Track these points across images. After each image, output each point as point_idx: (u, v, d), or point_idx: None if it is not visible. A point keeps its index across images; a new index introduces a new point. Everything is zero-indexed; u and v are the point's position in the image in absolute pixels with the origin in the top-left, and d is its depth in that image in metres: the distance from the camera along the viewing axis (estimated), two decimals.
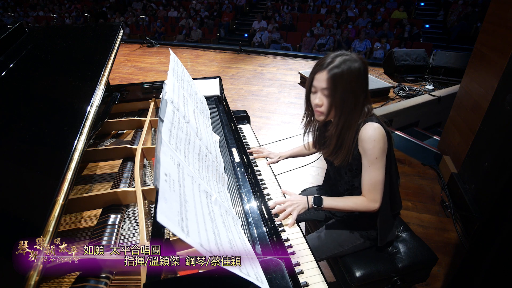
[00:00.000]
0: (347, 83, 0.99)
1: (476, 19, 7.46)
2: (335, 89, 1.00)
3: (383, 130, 1.02)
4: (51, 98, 1.06)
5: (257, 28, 8.27)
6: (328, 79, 0.99)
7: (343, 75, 0.98)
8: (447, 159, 2.54)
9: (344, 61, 0.99)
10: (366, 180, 1.06)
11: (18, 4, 11.91)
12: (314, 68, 1.05)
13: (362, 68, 1.00)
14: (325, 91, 1.02)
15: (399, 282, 1.18)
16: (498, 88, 1.90)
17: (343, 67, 0.98)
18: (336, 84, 0.99)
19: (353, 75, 0.99)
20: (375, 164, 1.03)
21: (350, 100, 1.01)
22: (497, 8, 2.10)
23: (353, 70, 0.99)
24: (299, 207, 1.11)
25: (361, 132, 1.03)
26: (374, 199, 1.06)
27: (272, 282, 0.67)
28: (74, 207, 1.00)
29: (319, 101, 1.05)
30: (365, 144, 1.02)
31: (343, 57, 1.00)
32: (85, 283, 0.75)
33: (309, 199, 1.12)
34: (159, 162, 0.61)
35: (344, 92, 1.00)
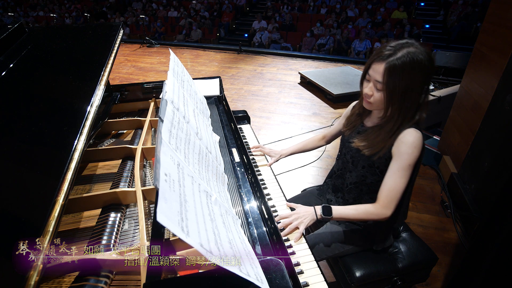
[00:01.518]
0: (405, 78, 0.90)
1: (476, 19, 7.46)
2: (391, 84, 0.92)
3: (423, 141, 0.97)
4: (51, 98, 1.06)
5: (257, 28, 8.28)
6: (385, 72, 0.91)
7: (404, 69, 0.89)
8: (447, 159, 2.54)
9: (407, 54, 0.89)
10: (388, 185, 1.00)
11: (18, 4, 11.91)
12: (373, 56, 0.97)
13: (426, 63, 0.90)
14: (378, 84, 0.95)
15: (399, 282, 1.18)
16: (498, 88, 1.90)
17: (404, 60, 0.89)
18: (394, 78, 0.91)
19: (415, 70, 0.89)
20: (404, 171, 0.97)
21: (405, 98, 0.94)
22: (497, 8, 2.10)
23: (416, 64, 0.89)
24: (306, 220, 1.04)
25: (403, 134, 0.97)
26: (389, 206, 1.00)
27: (272, 282, 0.67)
28: (74, 207, 1.00)
29: (369, 91, 0.99)
30: (404, 147, 0.96)
31: (408, 48, 0.90)
32: (84, 282, 0.75)
33: (317, 209, 1.05)
34: (159, 162, 0.61)
35: (402, 89, 0.92)
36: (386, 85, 0.93)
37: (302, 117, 3.73)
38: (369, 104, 1.03)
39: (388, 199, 1.00)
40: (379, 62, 0.93)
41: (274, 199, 1.19)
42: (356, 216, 1.04)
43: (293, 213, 1.07)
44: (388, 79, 0.92)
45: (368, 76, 1.00)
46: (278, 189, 1.25)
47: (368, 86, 1.00)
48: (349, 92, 4.04)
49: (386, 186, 1.01)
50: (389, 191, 1.00)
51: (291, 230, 1.02)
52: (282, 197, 1.21)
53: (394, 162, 0.99)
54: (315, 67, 5.71)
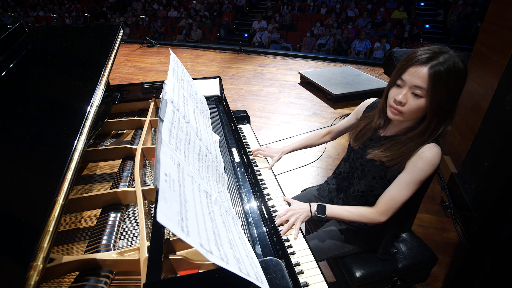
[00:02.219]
0: (450, 86, 0.84)
1: (476, 19, 7.46)
2: (434, 92, 0.85)
3: (441, 158, 0.93)
4: (51, 98, 1.06)
5: (257, 28, 8.28)
6: (429, 77, 0.84)
7: (449, 75, 0.83)
8: (447, 159, 2.54)
9: (449, 58, 0.84)
10: (391, 194, 0.97)
11: (18, 4, 11.91)
12: (408, 60, 0.89)
13: (465, 71, 0.86)
14: (418, 90, 0.87)
15: (399, 282, 1.18)
16: (498, 88, 1.90)
17: (448, 65, 0.83)
18: (438, 85, 0.84)
19: (457, 77, 0.84)
20: (413, 185, 0.94)
21: (445, 107, 0.87)
22: (497, 8, 2.10)
23: (458, 71, 0.84)
24: (302, 216, 1.03)
25: (423, 148, 0.92)
26: (385, 214, 0.99)
27: (272, 282, 0.67)
28: (74, 207, 1.00)
29: (403, 99, 0.90)
30: (420, 162, 0.92)
31: (448, 53, 0.85)
32: (84, 282, 0.76)
33: (312, 206, 1.05)
34: (159, 162, 0.61)
35: (443, 97, 0.85)
36: (432, 91, 0.85)
37: (302, 117, 3.73)
38: (398, 114, 0.93)
39: (386, 207, 0.98)
40: (419, 65, 0.86)
41: (274, 199, 1.19)
42: (351, 218, 1.04)
43: (289, 209, 1.07)
44: (434, 85, 0.84)
45: (401, 81, 0.91)
46: (278, 189, 1.25)
47: (402, 92, 0.90)
48: (349, 92, 4.04)
49: (388, 194, 0.98)
50: (390, 200, 0.98)
51: (289, 227, 1.02)
52: (282, 197, 1.21)
53: (405, 173, 0.95)
54: (315, 67, 5.71)
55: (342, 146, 3.08)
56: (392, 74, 0.96)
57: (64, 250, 0.89)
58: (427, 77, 0.85)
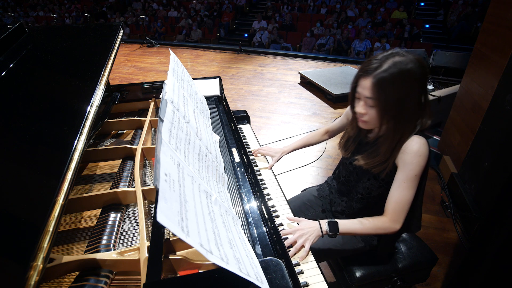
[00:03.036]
0: (396, 90, 0.86)
1: (476, 19, 7.46)
2: (383, 98, 0.88)
3: (428, 147, 0.93)
4: (51, 98, 1.06)
5: (257, 28, 8.28)
6: (373, 86, 0.87)
7: (393, 81, 0.85)
8: (447, 159, 2.54)
9: (393, 64, 0.85)
10: (395, 198, 0.96)
11: (18, 4, 11.91)
12: (359, 71, 0.92)
13: (417, 70, 0.86)
14: (369, 101, 0.91)
15: (399, 282, 1.18)
16: (498, 88, 1.90)
17: (392, 71, 0.84)
18: (383, 92, 0.87)
19: (405, 79, 0.85)
20: (411, 181, 0.93)
21: (400, 110, 0.89)
22: (497, 8, 2.10)
23: (405, 73, 0.85)
24: (311, 237, 0.97)
25: (407, 144, 0.93)
26: (397, 220, 0.96)
27: (272, 282, 0.67)
28: (74, 207, 1.00)
29: (362, 110, 0.94)
30: (409, 157, 0.92)
31: (393, 58, 0.86)
32: (84, 282, 0.75)
33: (322, 225, 1.00)
34: (159, 162, 0.61)
35: (396, 101, 0.87)
36: (378, 100, 0.89)
37: (302, 117, 3.73)
38: (364, 123, 0.98)
39: (396, 213, 0.96)
40: (366, 77, 0.89)
41: (274, 199, 1.19)
42: (364, 231, 0.99)
43: (297, 228, 1.00)
44: (378, 94, 0.88)
45: (357, 94, 0.95)
46: (278, 189, 1.25)
47: (360, 104, 0.95)
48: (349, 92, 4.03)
49: (393, 198, 0.97)
50: (397, 203, 0.96)
51: (297, 249, 0.96)
52: (282, 197, 1.21)
53: (399, 173, 0.95)
54: (315, 67, 5.71)
55: None
56: (350, 88, 0.99)
57: (64, 250, 0.89)
58: (372, 87, 0.88)
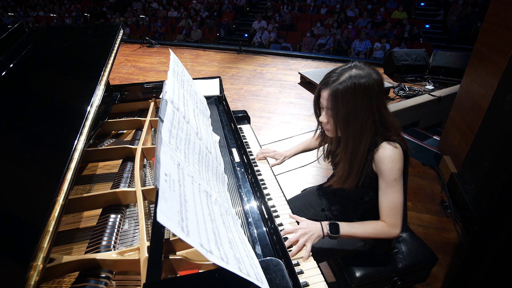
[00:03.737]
0: (349, 102, 0.91)
1: (476, 19, 7.46)
2: (336, 109, 0.94)
3: (401, 150, 0.96)
4: (51, 98, 1.06)
5: (257, 28, 8.28)
6: (329, 97, 0.94)
7: (345, 93, 0.91)
8: (447, 159, 2.54)
9: (349, 77, 0.91)
10: (384, 204, 0.98)
11: (18, 4, 11.92)
12: (320, 83, 0.99)
13: (370, 84, 0.91)
14: (329, 111, 0.97)
15: (399, 282, 1.18)
16: (498, 88, 1.90)
17: (346, 84, 0.91)
18: (337, 103, 0.93)
19: (356, 93, 0.90)
20: (393, 186, 0.96)
21: (354, 122, 0.94)
22: (497, 8, 2.10)
23: (357, 87, 0.90)
24: (313, 237, 0.98)
25: (378, 152, 0.96)
26: (394, 223, 0.98)
27: (272, 282, 0.67)
28: (74, 207, 1.00)
29: (323, 118, 1.01)
30: (383, 165, 0.95)
31: (350, 72, 0.93)
32: (85, 283, 0.75)
33: (324, 226, 1.01)
34: (159, 162, 0.61)
35: (346, 113, 0.93)
36: (331, 110, 0.96)
37: (302, 117, 3.73)
38: (328, 131, 1.04)
39: (391, 217, 0.98)
40: (325, 88, 0.96)
41: (274, 199, 1.19)
42: (365, 235, 1.01)
43: (299, 227, 1.00)
44: (332, 105, 0.95)
45: (320, 103, 1.01)
46: (278, 189, 1.25)
47: (323, 113, 1.01)
48: None
49: (383, 205, 0.99)
50: (388, 209, 0.98)
51: (299, 248, 0.95)
52: (282, 197, 1.21)
53: (380, 181, 0.98)
54: (315, 67, 5.71)
55: None
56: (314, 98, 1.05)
57: (64, 250, 0.89)
58: (328, 97, 0.95)
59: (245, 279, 0.55)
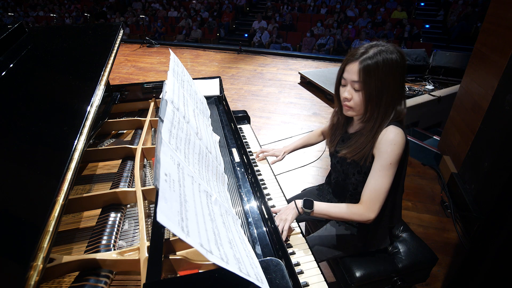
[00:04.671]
0: (381, 76, 0.91)
1: (476, 19, 7.46)
2: (367, 83, 0.92)
3: (404, 137, 0.96)
4: (51, 98, 1.06)
5: (257, 28, 8.27)
6: (360, 71, 0.92)
7: (377, 67, 0.90)
8: (447, 159, 2.54)
9: (379, 52, 0.91)
10: (371, 186, 0.98)
11: (18, 4, 11.92)
12: (346, 59, 0.97)
13: (399, 60, 0.92)
14: (356, 85, 0.95)
15: (399, 282, 1.18)
16: (498, 88, 1.90)
17: (377, 58, 0.90)
18: (369, 77, 0.91)
19: (388, 67, 0.90)
20: (386, 170, 0.95)
21: (383, 96, 0.93)
22: (497, 8, 2.10)
23: (389, 62, 0.90)
24: (289, 216, 1.02)
25: (383, 133, 0.96)
26: (372, 209, 0.98)
27: (272, 282, 0.67)
28: (74, 207, 0.99)
29: (348, 95, 0.98)
30: (383, 146, 0.95)
31: (378, 47, 0.92)
32: (84, 282, 0.75)
33: (298, 203, 1.04)
34: (159, 162, 0.61)
35: (377, 87, 0.92)
36: (363, 83, 0.93)
37: (302, 117, 3.73)
38: (349, 109, 1.01)
39: (370, 201, 0.97)
40: (353, 62, 0.94)
41: (274, 199, 1.19)
42: (338, 214, 1.02)
43: (276, 217, 1.04)
44: (364, 77, 0.92)
45: (343, 80, 0.99)
46: (278, 189, 1.25)
47: (346, 89, 0.99)
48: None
49: (368, 186, 0.99)
50: (371, 191, 0.97)
51: (286, 234, 1.00)
52: (282, 197, 1.21)
53: (375, 161, 0.98)
54: (315, 67, 5.71)
55: None
56: (337, 75, 1.03)
57: (64, 250, 0.89)
58: (358, 71, 0.93)
59: (245, 279, 0.55)
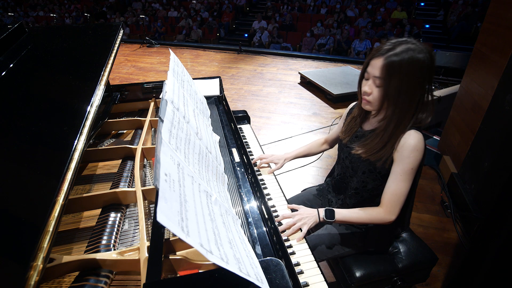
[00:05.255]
0: (403, 76, 0.88)
1: (476, 19, 7.46)
2: (389, 80, 0.90)
3: (424, 144, 0.96)
4: (51, 98, 1.06)
5: (257, 28, 8.28)
6: (383, 67, 0.89)
7: (401, 65, 0.87)
8: (447, 159, 2.54)
9: (406, 50, 0.87)
10: (391, 190, 0.98)
11: (18, 4, 11.92)
12: (372, 53, 0.95)
13: (426, 61, 0.88)
14: (377, 80, 0.93)
15: (399, 282, 1.18)
16: (498, 88, 1.90)
17: (403, 56, 0.87)
18: (391, 74, 0.89)
19: (413, 67, 0.87)
20: (407, 174, 0.96)
21: (400, 97, 0.91)
22: (497, 8, 2.10)
23: (415, 61, 0.87)
24: (309, 221, 1.02)
25: (405, 137, 0.95)
26: (393, 211, 0.99)
27: (272, 282, 0.67)
28: (74, 207, 1.00)
29: (368, 89, 0.96)
30: (406, 152, 0.94)
31: (407, 45, 0.88)
32: (84, 282, 0.75)
33: (320, 212, 1.04)
34: (159, 162, 0.61)
35: (397, 86, 0.89)
36: (383, 80, 0.91)
37: (302, 117, 3.73)
38: (367, 103, 1.00)
39: (392, 204, 0.99)
40: (378, 57, 0.91)
41: (274, 199, 1.19)
42: (360, 220, 1.03)
43: (296, 213, 1.06)
44: (385, 75, 0.90)
45: (366, 74, 0.98)
46: (278, 189, 1.25)
47: (367, 83, 0.97)
48: (349, 92, 4.04)
49: (389, 190, 0.99)
50: (393, 195, 0.98)
51: (294, 231, 1.01)
52: (282, 197, 1.21)
53: (396, 166, 0.97)
54: (315, 67, 5.71)
55: None
56: (362, 68, 1.02)
57: (64, 250, 0.89)
58: (382, 67, 0.90)
59: (245, 279, 0.55)
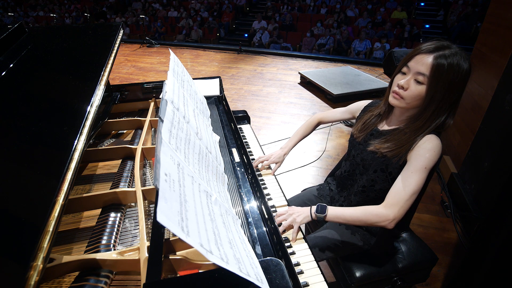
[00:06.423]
0: (450, 80, 0.87)
1: (476, 19, 7.46)
2: (435, 80, 0.88)
3: (441, 149, 0.94)
4: (51, 98, 1.06)
5: (257, 28, 8.28)
6: (433, 66, 0.87)
7: (451, 69, 0.86)
8: (447, 159, 2.54)
9: (455, 54, 0.87)
10: (397, 186, 0.94)
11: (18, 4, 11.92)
12: (417, 49, 0.92)
13: (469, 72, 0.89)
14: (420, 77, 0.90)
15: (399, 282, 1.18)
16: (498, 88, 1.90)
17: (453, 60, 0.86)
18: (440, 75, 0.87)
19: (458, 74, 0.87)
20: (418, 172, 0.91)
21: (442, 100, 0.90)
22: (497, 8, 2.10)
23: (461, 69, 0.87)
24: (300, 217, 1.01)
25: (423, 140, 0.93)
26: (392, 207, 0.92)
27: (272, 282, 0.67)
28: (74, 207, 1.00)
29: (405, 84, 0.93)
30: (422, 151, 0.92)
31: (452, 49, 0.88)
32: (84, 282, 0.75)
33: (312, 208, 1.02)
34: (159, 162, 0.61)
35: (443, 88, 0.88)
36: (432, 79, 0.88)
37: (302, 117, 3.73)
38: (399, 99, 0.96)
39: (394, 200, 0.93)
40: (426, 54, 0.89)
41: (274, 199, 1.19)
42: (353, 216, 0.98)
43: (288, 209, 1.06)
44: (435, 74, 0.88)
45: (406, 68, 0.94)
46: (278, 189, 1.25)
47: (405, 78, 0.93)
48: (349, 92, 4.04)
49: (395, 186, 0.95)
50: (398, 191, 0.93)
51: (285, 227, 1.01)
52: (282, 197, 1.21)
53: (408, 164, 0.95)
54: (315, 67, 5.71)
55: (342, 146, 3.08)
56: (400, 63, 0.98)
57: (64, 250, 0.89)
58: (430, 65, 0.88)
59: (245, 279, 0.55)
